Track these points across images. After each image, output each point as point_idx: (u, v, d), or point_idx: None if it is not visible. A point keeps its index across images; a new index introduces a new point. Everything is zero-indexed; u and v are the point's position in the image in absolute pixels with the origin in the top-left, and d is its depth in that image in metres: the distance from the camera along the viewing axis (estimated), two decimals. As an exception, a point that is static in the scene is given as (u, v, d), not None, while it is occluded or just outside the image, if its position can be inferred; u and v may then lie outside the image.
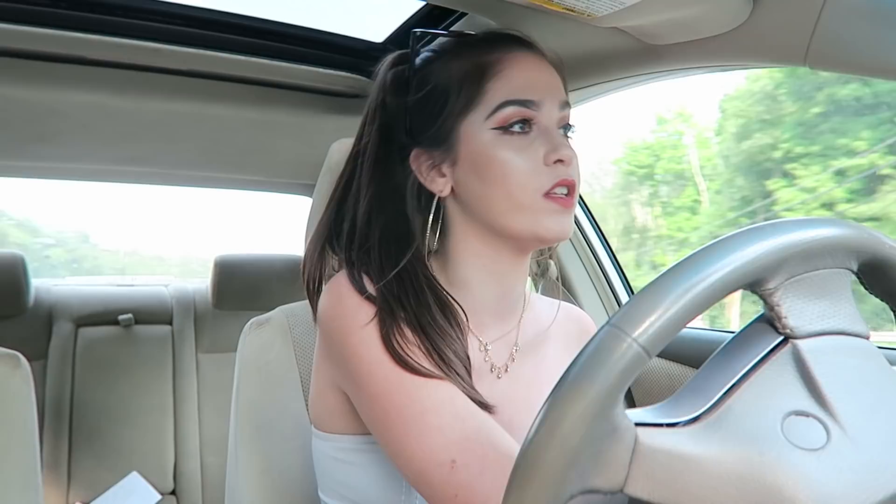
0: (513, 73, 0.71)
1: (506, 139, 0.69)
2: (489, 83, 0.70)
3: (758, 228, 0.36)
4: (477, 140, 0.70)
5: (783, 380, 0.36)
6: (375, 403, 0.64)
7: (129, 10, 1.10)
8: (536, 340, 0.81)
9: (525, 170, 0.69)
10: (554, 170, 0.69)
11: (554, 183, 0.69)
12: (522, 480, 0.32)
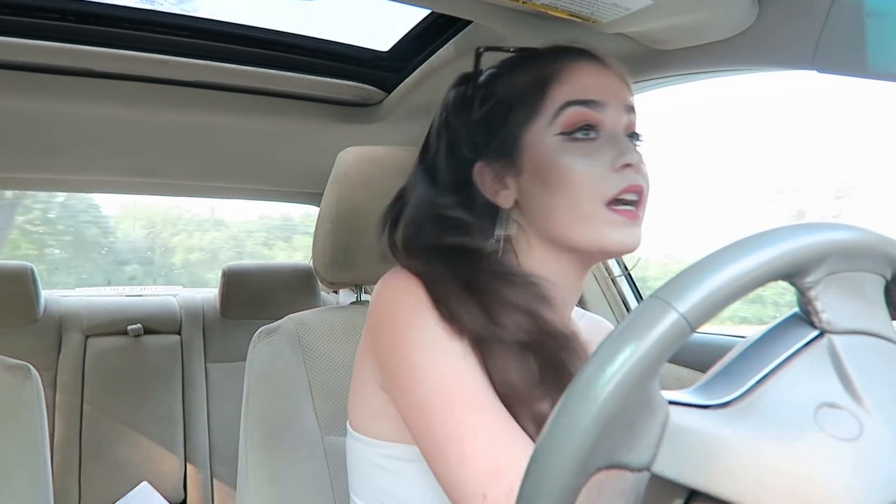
0: (575, 78, 0.69)
1: (571, 145, 0.68)
2: (552, 89, 0.69)
3: (805, 224, 0.37)
4: (541, 147, 0.68)
5: (818, 372, 0.36)
6: (420, 416, 0.63)
7: (136, 22, 1.11)
8: None
9: (590, 176, 0.66)
10: (622, 175, 0.67)
11: (621, 189, 0.66)
12: (554, 443, 0.32)
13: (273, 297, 2.10)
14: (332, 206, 0.94)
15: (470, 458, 0.58)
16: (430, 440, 0.62)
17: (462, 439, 0.59)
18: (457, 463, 0.59)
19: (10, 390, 0.86)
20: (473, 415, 0.60)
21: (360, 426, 0.75)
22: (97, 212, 5.09)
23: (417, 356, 0.63)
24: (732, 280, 0.33)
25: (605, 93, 0.69)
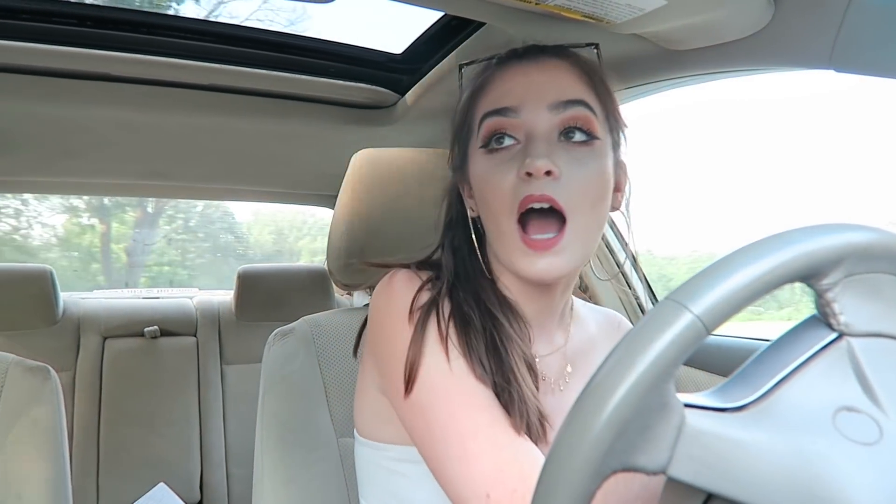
0: (495, 86, 0.68)
1: (488, 157, 0.66)
2: (477, 102, 0.69)
3: (822, 224, 0.36)
4: (473, 162, 0.70)
5: (836, 375, 0.36)
6: (419, 416, 0.62)
7: (152, 26, 1.12)
8: (586, 351, 0.80)
9: (501, 188, 0.64)
10: (525, 185, 0.63)
11: (520, 201, 0.63)
12: (568, 446, 0.32)
13: (288, 299, 2.11)
14: (346, 209, 0.94)
15: (472, 457, 0.58)
16: (430, 440, 0.61)
17: (463, 439, 0.59)
18: (458, 461, 0.58)
19: (31, 391, 0.87)
20: (473, 414, 0.60)
21: (365, 430, 0.76)
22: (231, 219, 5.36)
23: (415, 356, 0.63)
24: (749, 282, 0.33)
25: (523, 95, 0.66)
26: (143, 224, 5.40)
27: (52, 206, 5.78)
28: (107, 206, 5.77)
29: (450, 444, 0.59)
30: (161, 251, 4.57)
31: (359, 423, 0.77)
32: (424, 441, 0.62)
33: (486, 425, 0.59)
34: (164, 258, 4.50)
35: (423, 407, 0.62)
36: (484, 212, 0.69)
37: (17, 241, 6.16)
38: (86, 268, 6.02)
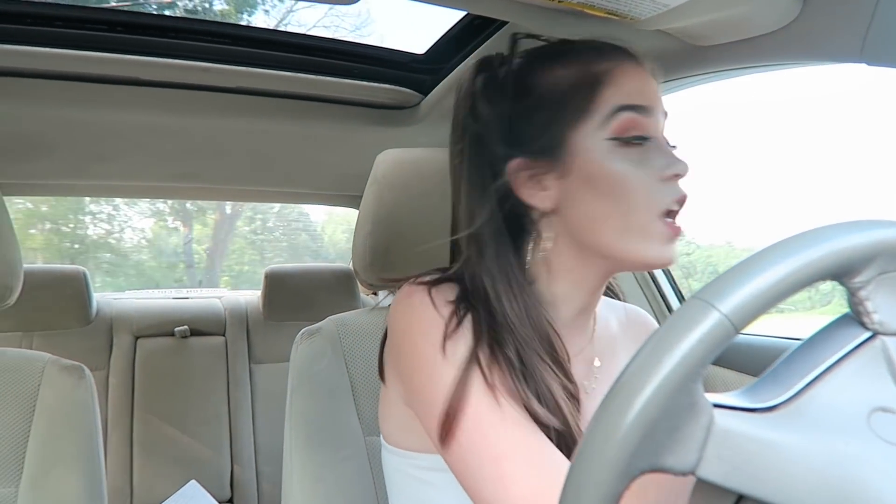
0: (624, 81, 0.66)
1: (623, 151, 0.65)
2: (602, 91, 0.66)
3: (854, 221, 0.36)
4: (592, 151, 0.65)
5: (870, 375, 0.35)
6: (444, 431, 0.60)
7: (180, 31, 1.14)
8: (609, 350, 0.79)
9: (644, 185, 0.64)
10: (672, 186, 0.65)
11: (674, 199, 0.65)
12: (596, 447, 0.32)
13: (314, 299, 2.13)
14: (370, 209, 0.95)
15: (508, 478, 0.56)
16: (463, 462, 0.59)
17: (498, 460, 0.57)
18: (495, 482, 0.57)
19: (66, 390, 0.89)
20: (507, 434, 0.58)
21: (391, 438, 0.75)
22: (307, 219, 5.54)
23: (441, 376, 0.61)
24: (778, 280, 0.32)
25: (651, 98, 0.67)
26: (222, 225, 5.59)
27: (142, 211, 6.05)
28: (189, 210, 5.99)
29: (485, 468, 0.57)
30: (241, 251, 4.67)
31: (385, 430, 0.76)
32: (458, 464, 0.60)
33: (521, 445, 0.58)
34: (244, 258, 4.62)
35: (453, 429, 0.60)
36: (605, 204, 0.65)
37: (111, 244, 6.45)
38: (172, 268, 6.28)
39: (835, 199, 2.22)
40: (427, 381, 0.62)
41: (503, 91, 0.69)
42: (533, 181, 0.68)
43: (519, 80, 0.69)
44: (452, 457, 0.60)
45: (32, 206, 6.09)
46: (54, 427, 0.87)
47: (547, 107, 0.67)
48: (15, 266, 0.84)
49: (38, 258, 6.41)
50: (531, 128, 0.68)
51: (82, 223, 6.38)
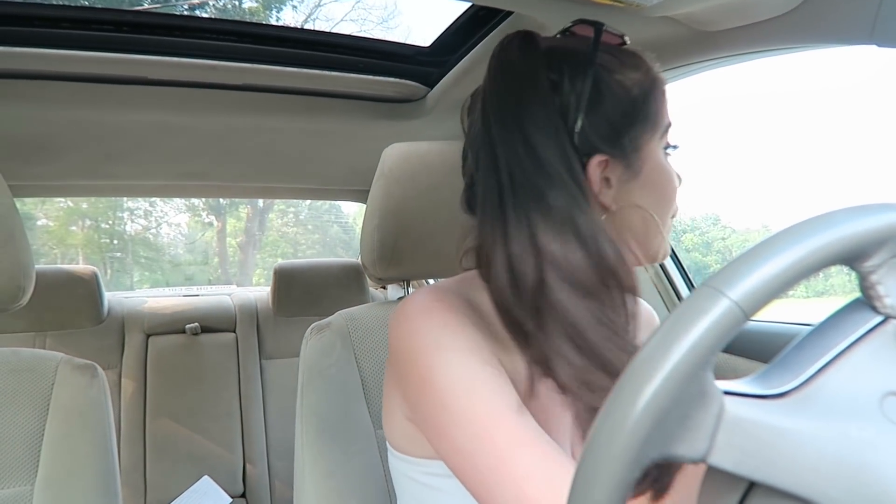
0: (666, 95, 0.72)
1: (664, 156, 0.71)
2: (663, 102, 0.71)
3: (864, 205, 0.35)
4: (657, 157, 0.70)
5: (882, 360, 0.35)
6: (464, 459, 0.59)
7: (187, 29, 1.14)
8: None
9: (675, 187, 0.71)
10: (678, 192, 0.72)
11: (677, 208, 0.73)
12: (606, 435, 0.32)
13: (324, 294, 2.14)
14: (378, 203, 0.95)
15: (529, 499, 0.55)
16: (480, 483, 0.58)
17: (516, 481, 0.56)
18: (513, 502, 0.56)
19: (79, 389, 0.90)
20: (522, 453, 0.57)
21: (397, 445, 0.74)
22: (338, 211, 5.60)
23: (450, 398, 0.60)
24: (788, 266, 0.32)
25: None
26: (254, 219, 5.64)
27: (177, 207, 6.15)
28: (222, 205, 6.06)
29: (504, 489, 0.56)
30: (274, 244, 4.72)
31: (390, 437, 0.75)
32: (474, 484, 0.59)
33: (538, 463, 0.57)
34: (277, 251, 4.68)
35: (465, 452, 0.59)
36: (658, 205, 0.69)
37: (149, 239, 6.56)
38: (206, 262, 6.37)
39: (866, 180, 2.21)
40: (441, 411, 0.61)
41: (581, 74, 0.66)
42: (603, 179, 0.67)
43: (599, 70, 0.67)
44: (466, 474, 0.60)
45: (73, 204, 6.21)
46: (68, 426, 0.88)
47: (627, 108, 0.67)
48: (27, 267, 0.85)
49: (79, 255, 6.52)
50: (614, 127, 0.67)
51: (120, 220, 6.50)
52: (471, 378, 0.60)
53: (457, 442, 0.60)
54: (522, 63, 0.66)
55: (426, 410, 0.63)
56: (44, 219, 6.30)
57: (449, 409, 0.60)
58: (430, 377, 0.61)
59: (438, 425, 0.61)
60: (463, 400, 0.59)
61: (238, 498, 1.97)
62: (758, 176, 2.34)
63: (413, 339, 0.63)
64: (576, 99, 0.65)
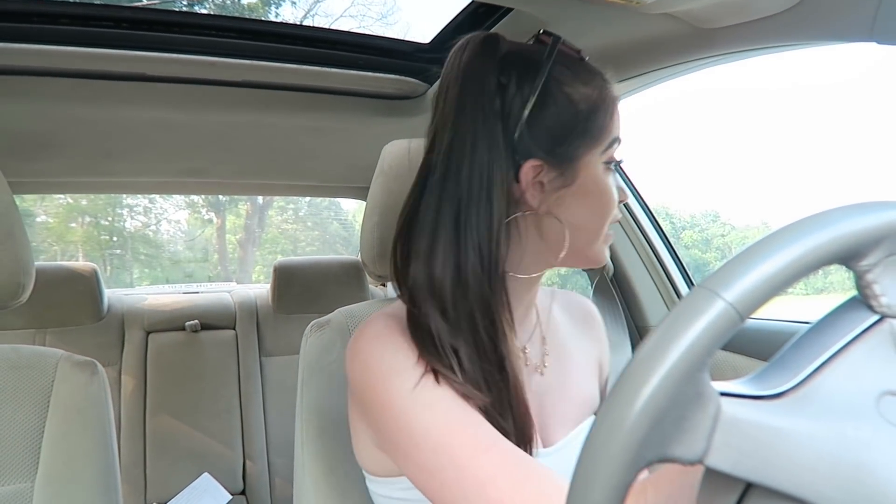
0: (616, 113, 0.74)
1: (606, 171, 0.73)
2: (610, 120, 0.73)
3: (859, 204, 0.35)
4: (594, 169, 0.72)
5: (878, 359, 0.35)
6: (427, 475, 0.62)
7: (186, 26, 1.14)
8: (552, 329, 0.85)
9: (614, 199, 0.74)
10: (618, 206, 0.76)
11: (618, 217, 0.77)
12: (603, 438, 0.32)
13: (323, 292, 2.14)
14: (378, 200, 0.95)
15: (496, 502, 0.57)
16: (448, 496, 0.60)
17: (483, 487, 0.58)
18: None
19: (79, 386, 0.90)
20: (484, 460, 0.59)
21: (372, 470, 0.76)
22: (338, 208, 5.60)
23: (409, 419, 0.62)
24: (783, 267, 0.32)
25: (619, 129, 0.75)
26: (253, 216, 5.65)
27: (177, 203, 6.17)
28: (221, 202, 6.07)
29: (471, 498, 0.59)
30: (274, 240, 4.73)
31: (363, 463, 0.78)
32: (440, 498, 0.61)
33: (499, 466, 0.59)
34: (277, 247, 4.69)
35: (432, 469, 0.61)
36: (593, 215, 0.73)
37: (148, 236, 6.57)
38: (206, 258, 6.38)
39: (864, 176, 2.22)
40: (401, 434, 0.63)
41: (529, 83, 0.68)
42: (535, 182, 0.70)
43: (548, 81, 0.69)
44: (433, 493, 0.62)
45: (72, 200, 6.22)
46: (68, 422, 0.88)
47: (572, 120, 0.70)
48: (27, 264, 0.85)
49: (78, 251, 6.52)
50: (553, 135, 0.69)
51: (120, 216, 6.51)
52: (425, 397, 0.63)
53: (420, 461, 0.62)
54: (475, 63, 0.69)
55: (389, 435, 0.65)
56: (43, 215, 6.31)
57: (408, 430, 0.62)
58: (389, 402, 0.64)
59: (402, 448, 0.64)
60: (420, 418, 0.62)
61: (238, 495, 1.98)
62: (757, 173, 2.36)
63: (368, 370, 0.67)
64: (520, 104, 0.68)
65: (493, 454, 0.60)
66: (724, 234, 5.69)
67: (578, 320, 0.91)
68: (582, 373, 0.86)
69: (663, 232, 1.46)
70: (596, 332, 0.93)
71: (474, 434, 0.61)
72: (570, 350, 0.85)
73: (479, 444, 0.60)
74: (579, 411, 0.82)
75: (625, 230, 1.43)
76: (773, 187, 2.66)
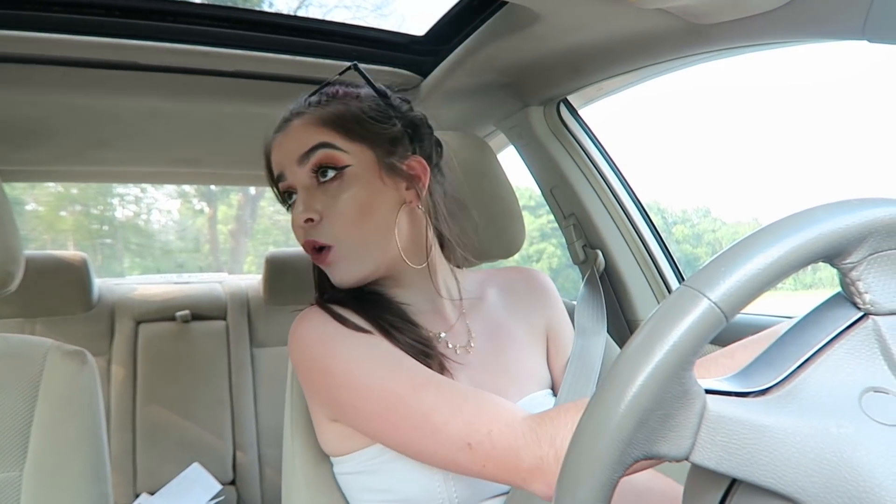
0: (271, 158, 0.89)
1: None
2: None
3: (844, 201, 0.35)
4: None
5: (862, 356, 0.35)
6: (378, 421, 0.68)
7: (179, 15, 1.13)
8: (483, 310, 0.90)
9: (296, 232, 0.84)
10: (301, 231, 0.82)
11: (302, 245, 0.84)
12: (590, 436, 0.32)
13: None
14: None
15: (440, 425, 0.64)
16: (400, 435, 0.67)
17: (426, 417, 0.65)
18: (432, 435, 0.64)
19: (69, 376, 0.90)
20: (423, 394, 0.66)
21: (337, 450, 0.81)
22: None
23: (350, 377, 0.69)
24: (767, 266, 0.32)
25: (281, 163, 0.83)
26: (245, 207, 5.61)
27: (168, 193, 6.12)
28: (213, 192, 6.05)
29: (420, 429, 0.65)
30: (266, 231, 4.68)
31: (327, 448, 0.83)
32: (397, 439, 0.68)
33: (438, 396, 0.66)
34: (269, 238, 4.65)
35: (381, 416, 0.68)
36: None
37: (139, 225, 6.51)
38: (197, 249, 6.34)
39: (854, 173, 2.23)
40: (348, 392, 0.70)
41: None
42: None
43: None
44: (388, 437, 0.69)
45: (63, 189, 6.15)
46: (58, 412, 0.87)
47: None
48: (16, 252, 0.85)
49: (69, 240, 6.46)
50: None
51: (111, 205, 6.45)
52: (360, 353, 0.71)
53: (369, 410, 0.68)
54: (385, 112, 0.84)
55: (338, 400, 0.72)
56: (33, 203, 6.25)
57: (353, 387, 0.69)
58: (329, 368, 0.71)
59: (352, 407, 0.70)
60: (360, 372, 0.69)
61: (228, 485, 1.98)
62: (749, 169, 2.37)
63: (304, 348, 0.74)
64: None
65: (430, 387, 0.67)
66: (715, 230, 5.72)
67: (521, 294, 0.94)
68: (520, 347, 0.89)
69: (655, 226, 1.47)
70: (542, 299, 0.95)
71: (410, 374, 0.68)
72: (506, 327, 0.89)
73: (416, 381, 0.68)
74: (521, 384, 0.85)
75: (616, 225, 1.43)
76: (764, 184, 2.71)
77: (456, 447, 0.63)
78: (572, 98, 1.41)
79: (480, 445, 0.62)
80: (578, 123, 1.44)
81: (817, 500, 0.31)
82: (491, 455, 0.62)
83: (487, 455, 0.62)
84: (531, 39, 1.08)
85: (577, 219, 1.45)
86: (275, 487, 2.02)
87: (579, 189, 1.42)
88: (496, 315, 0.90)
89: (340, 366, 0.70)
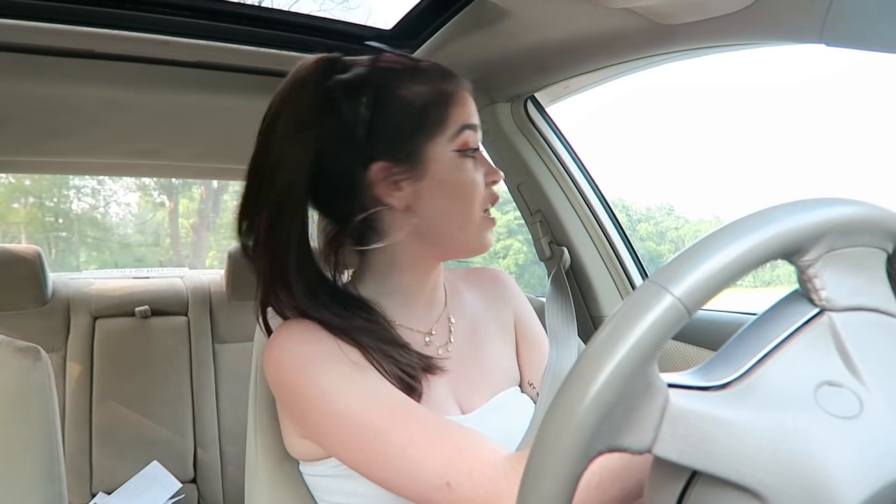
0: (465, 102, 0.78)
1: (463, 161, 0.76)
2: (452, 110, 0.76)
3: (801, 201, 0.36)
4: (443, 160, 0.75)
5: (817, 351, 0.36)
6: (355, 451, 0.67)
7: (138, 2, 1.10)
8: (460, 307, 0.90)
9: (477, 185, 0.77)
10: (490, 189, 0.80)
11: (493, 200, 0.80)
12: (554, 432, 0.32)
13: (279, 278, 2.10)
14: None
15: (418, 462, 0.62)
16: (377, 466, 0.65)
17: (405, 451, 0.63)
18: (409, 471, 0.63)
19: (21, 373, 0.87)
20: (403, 426, 0.64)
21: (301, 455, 0.80)
22: None
23: (328, 403, 0.67)
24: (729, 262, 0.33)
25: (477, 117, 0.79)
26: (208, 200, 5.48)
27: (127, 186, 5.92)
28: (174, 185, 5.86)
29: (396, 463, 0.64)
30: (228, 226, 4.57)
31: (295, 453, 0.81)
32: (373, 470, 0.66)
33: (418, 430, 0.64)
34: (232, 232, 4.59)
35: (357, 445, 0.66)
36: (453, 204, 0.76)
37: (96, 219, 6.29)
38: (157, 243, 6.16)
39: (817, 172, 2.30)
40: (326, 417, 0.68)
41: (362, 95, 0.74)
42: (389, 182, 0.75)
43: (378, 89, 0.75)
44: (362, 466, 0.67)
45: (15, 180, 5.95)
46: (10, 410, 0.85)
47: (407, 118, 0.75)
48: None
49: (21, 233, 6.24)
50: (393, 136, 0.75)
51: (66, 198, 6.26)
52: (339, 380, 0.69)
53: (344, 439, 0.67)
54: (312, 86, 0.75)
55: (312, 424, 0.70)
56: (-17, 195, 6.05)
57: (329, 414, 0.67)
58: (306, 392, 0.69)
59: (326, 431, 0.69)
60: (337, 400, 0.67)
61: (188, 483, 1.94)
62: (711, 168, 2.44)
63: (282, 369, 0.71)
64: (358, 116, 0.74)
65: (410, 420, 0.65)
66: (678, 227, 5.85)
67: (487, 291, 0.95)
68: (494, 343, 0.90)
69: (619, 224, 1.49)
70: (505, 295, 0.97)
71: (390, 405, 0.66)
72: (481, 324, 0.90)
73: (396, 413, 0.66)
74: (494, 381, 0.86)
75: (582, 222, 1.45)
76: (726, 182, 2.78)
77: (433, 486, 0.62)
78: (539, 96, 1.42)
79: (460, 487, 0.61)
80: (545, 121, 1.45)
81: (774, 490, 0.32)
82: (471, 497, 0.60)
83: (467, 497, 0.60)
84: (498, 36, 1.08)
85: (544, 215, 1.46)
86: (237, 485, 1.99)
87: (546, 186, 1.43)
88: (472, 313, 0.91)
89: (318, 390, 0.68)
